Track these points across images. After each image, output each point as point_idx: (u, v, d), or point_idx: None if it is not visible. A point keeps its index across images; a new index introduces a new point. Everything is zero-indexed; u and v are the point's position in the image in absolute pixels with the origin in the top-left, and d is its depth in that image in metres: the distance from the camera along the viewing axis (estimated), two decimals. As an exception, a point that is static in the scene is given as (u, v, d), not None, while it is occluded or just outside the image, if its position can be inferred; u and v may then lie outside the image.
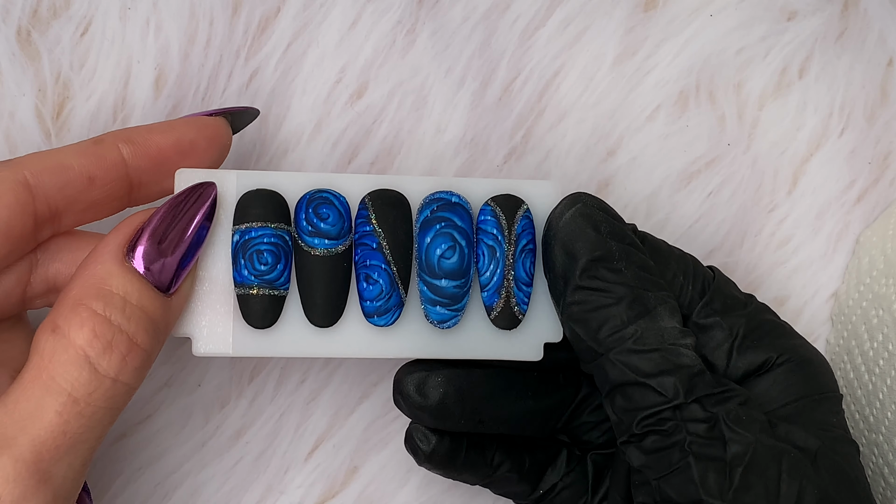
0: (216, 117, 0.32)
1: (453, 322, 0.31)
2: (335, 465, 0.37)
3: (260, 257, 0.29)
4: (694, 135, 0.39)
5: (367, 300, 0.30)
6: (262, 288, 0.30)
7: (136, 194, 0.31)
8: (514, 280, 0.30)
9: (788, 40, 0.39)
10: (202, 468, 0.37)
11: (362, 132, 0.38)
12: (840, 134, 0.39)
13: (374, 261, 0.30)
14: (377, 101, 0.38)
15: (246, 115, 0.34)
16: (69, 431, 0.26)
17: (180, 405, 0.37)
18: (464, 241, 0.30)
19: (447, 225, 0.30)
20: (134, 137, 0.31)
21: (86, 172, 0.30)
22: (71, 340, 0.27)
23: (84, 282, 0.28)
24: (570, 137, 0.38)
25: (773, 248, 0.39)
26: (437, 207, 0.30)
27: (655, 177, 0.39)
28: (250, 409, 0.37)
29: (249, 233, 0.30)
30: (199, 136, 0.31)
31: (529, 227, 0.31)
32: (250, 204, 0.30)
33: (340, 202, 0.30)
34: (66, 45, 0.37)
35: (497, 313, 0.31)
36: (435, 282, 0.30)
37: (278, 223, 0.30)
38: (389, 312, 0.30)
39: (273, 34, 0.38)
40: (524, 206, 0.31)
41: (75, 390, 0.26)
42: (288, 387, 0.38)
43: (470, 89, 0.38)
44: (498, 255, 0.30)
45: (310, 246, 0.30)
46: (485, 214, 0.31)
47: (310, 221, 0.30)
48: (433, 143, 0.38)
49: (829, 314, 0.39)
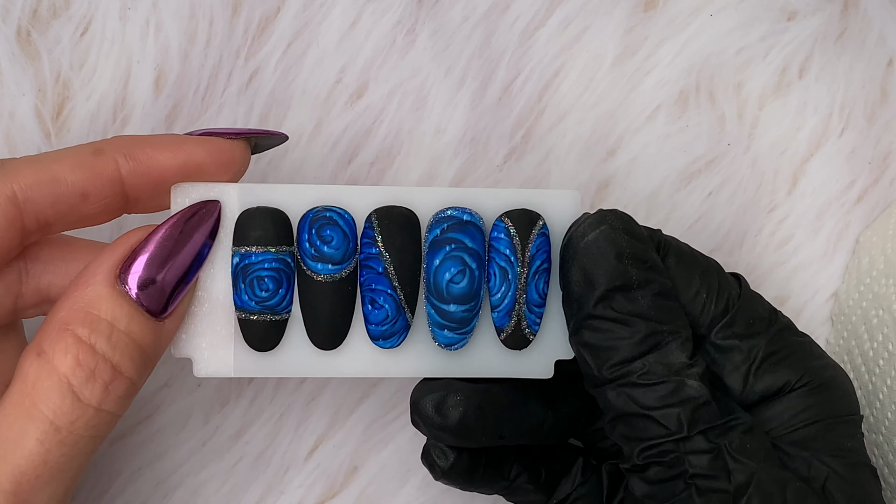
0: (236, 141, 0.30)
1: (461, 345, 0.30)
2: (335, 465, 0.37)
3: (261, 284, 0.29)
4: (694, 135, 0.39)
5: (372, 324, 0.29)
6: (262, 314, 0.29)
7: (131, 208, 0.30)
8: (525, 302, 0.29)
9: (788, 40, 0.39)
10: (202, 468, 0.37)
11: (362, 132, 0.38)
12: (840, 134, 0.39)
13: (380, 286, 0.29)
14: (377, 101, 0.38)
15: (272, 139, 0.32)
16: (50, 460, 0.26)
17: (180, 405, 0.37)
18: (475, 264, 0.29)
19: (458, 247, 0.29)
20: (136, 153, 0.29)
21: (79, 188, 0.28)
22: (55, 367, 0.26)
23: (72, 305, 0.27)
24: (570, 137, 0.38)
25: (773, 248, 0.39)
26: (448, 227, 0.29)
27: (655, 177, 0.38)
28: (250, 409, 0.37)
29: (249, 257, 0.29)
30: (210, 161, 0.29)
31: (545, 246, 0.29)
32: (251, 225, 0.29)
33: (345, 220, 0.29)
34: (66, 45, 0.37)
35: (507, 335, 0.30)
36: (443, 306, 0.29)
37: (280, 246, 0.29)
38: (395, 336, 0.30)
39: (273, 34, 0.37)
40: (540, 223, 0.29)
41: (57, 418, 0.26)
42: (288, 387, 0.38)
43: (470, 89, 0.38)
44: (510, 276, 0.29)
45: (313, 271, 0.29)
46: (498, 232, 0.29)
47: (313, 244, 0.29)
48: (433, 143, 0.38)
49: (828, 314, 0.39)
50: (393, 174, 0.38)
